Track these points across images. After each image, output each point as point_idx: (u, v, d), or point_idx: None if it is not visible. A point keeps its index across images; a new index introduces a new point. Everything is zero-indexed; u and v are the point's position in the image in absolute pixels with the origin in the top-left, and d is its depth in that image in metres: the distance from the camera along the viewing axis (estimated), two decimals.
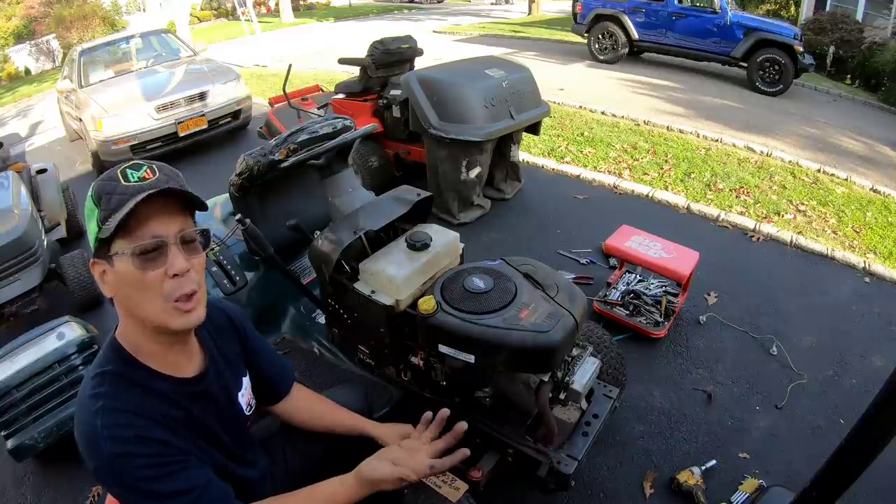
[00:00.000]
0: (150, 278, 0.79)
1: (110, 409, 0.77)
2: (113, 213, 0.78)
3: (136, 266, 0.78)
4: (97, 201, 0.81)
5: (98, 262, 0.82)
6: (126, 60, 5.83)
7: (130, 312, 0.83)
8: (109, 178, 0.82)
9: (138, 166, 0.83)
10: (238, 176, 1.71)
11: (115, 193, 0.80)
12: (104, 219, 0.79)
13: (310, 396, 1.24)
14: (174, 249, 0.81)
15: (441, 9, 18.16)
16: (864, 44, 7.96)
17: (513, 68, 3.42)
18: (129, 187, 0.80)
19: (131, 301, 0.82)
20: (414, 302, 1.35)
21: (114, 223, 0.76)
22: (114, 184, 0.81)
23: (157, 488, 0.77)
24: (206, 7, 21.35)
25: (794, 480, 1.68)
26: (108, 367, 0.82)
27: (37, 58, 15.80)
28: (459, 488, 1.22)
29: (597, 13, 7.89)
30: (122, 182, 0.81)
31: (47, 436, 1.85)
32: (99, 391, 0.79)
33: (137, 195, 0.78)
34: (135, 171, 0.82)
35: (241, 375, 1.05)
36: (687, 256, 2.37)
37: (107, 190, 0.80)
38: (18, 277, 2.52)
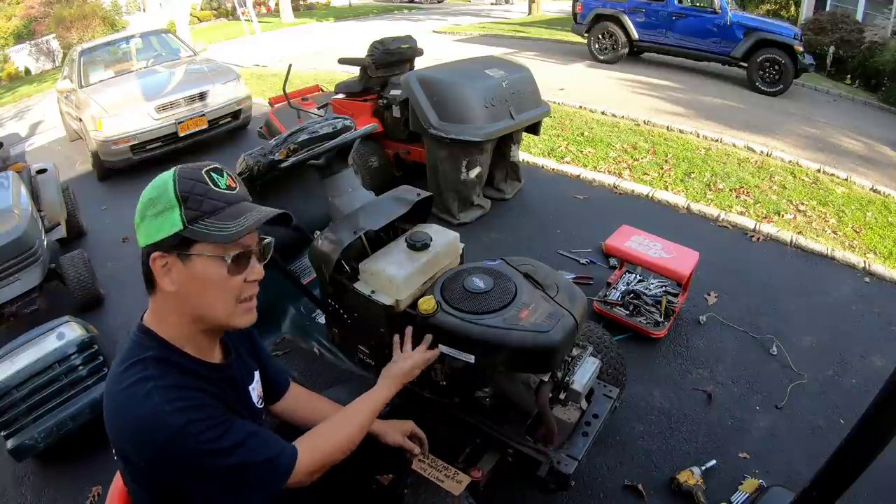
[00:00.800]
0: (233, 282, 0.86)
1: (163, 386, 0.79)
2: (205, 215, 0.83)
3: (226, 270, 0.84)
4: (183, 199, 0.82)
5: (166, 256, 0.83)
6: (126, 60, 5.83)
7: (191, 308, 0.86)
8: (197, 179, 0.84)
9: (221, 171, 0.88)
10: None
11: (208, 197, 0.84)
12: (193, 219, 0.82)
13: (306, 395, 1.25)
14: (254, 258, 0.90)
15: (441, 9, 18.16)
16: (864, 44, 7.96)
17: (513, 68, 3.42)
18: (223, 195, 0.86)
19: (202, 298, 0.85)
20: (414, 302, 1.35)
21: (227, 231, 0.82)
22: (205, 186, 0.84)
23: (221, 446, 0.80)
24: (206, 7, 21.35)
25: (794, 480, 1.68)
26: (149, 353, 0.84)
27: (37, 58, 15.79)
28: (462, 481, 1.21)
29: (597, 13, 7.89)
30: (212, 187, 0.85)
31: (47, 436, 1.85)
32: (145, 374, 0.80)
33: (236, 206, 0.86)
34: (220, 178, 0.87)
35: (253, 369, 1.08)
36: (687, 256, 2.37)
37: (198, 191, 0.83)
38: (18, 277, 2.52)
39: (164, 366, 0.83)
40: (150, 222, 0.83)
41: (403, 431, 1.25)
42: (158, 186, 0.84)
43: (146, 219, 0.83)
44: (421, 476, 1.25)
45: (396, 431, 1.23)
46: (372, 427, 1.20)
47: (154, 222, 0.83)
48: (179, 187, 0.83)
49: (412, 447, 1.24)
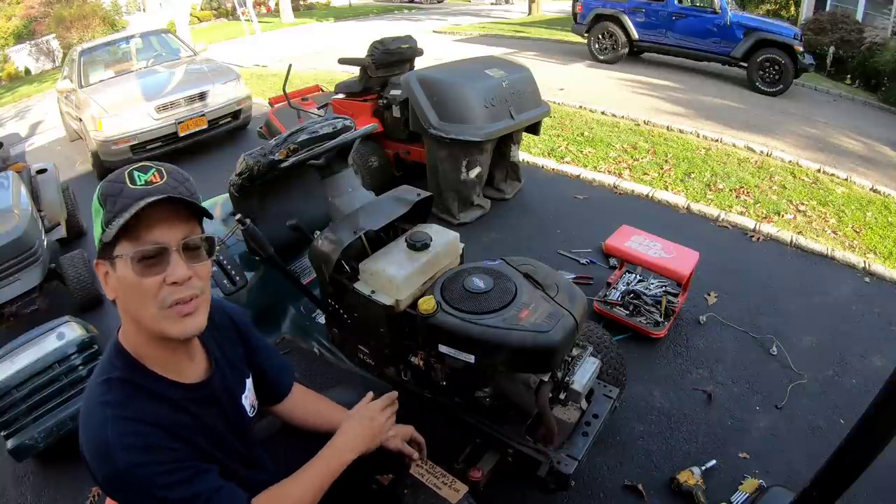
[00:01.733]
0: (147, 284, 0.78)
1: (120, 417, 0.77)
2: (117, 215, 0.78)
3: (135, 271, 0.78)
4: (103, 202, 0.80)
5: (101, 262, 0.81)
6: (126, 60, 5.83)
7: (131, 316, 0.83)
8: (116, 180, 0.81)
9: (146, 168, 0.82)
10: (238, 176, 1.71)
11: (121, 196, 0.79)
12: (108, 221, 0.79)
13: (309, 396, 1.24)
14: (175, 256, 0.80)
15: (441, 9, 18.16)
16: (864, 44, 7.96)
17: (513, 68, 3.42)
18: (136, 191, 0.79)
19: (130, 305, 0.81)
20: (414, 302, 1.36)
21: (116, 226, 0.76)
22: (120, 185, 0.80)
23: (169, 495, 0.76)
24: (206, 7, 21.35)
25: (794, 480, 1.68)
26: (115, 374, 0.81)
27: (37, 58, 15.79)
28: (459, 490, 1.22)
29: (597, 13, 7.89)
30: (128, 184, 0.80)
31: (47, 436, 1.85)
32: (107, 399, 0.78)
33: (143, 199, 0.77)
34: (142, 174, 0.81)
35: (245, 377, 1.05)
36: (687, 256, 2.37)
37: (112, 192, 0.80)
38: (18, 277, 2.52)
39: (129, 390, 0.80)
40: (94, 230, 0.83)
41: (403, 436, 1.23)
42: (95, 194, 0.82)
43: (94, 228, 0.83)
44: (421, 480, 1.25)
45: (396, 436, 1.22)
46: None
47: (94, 230, 0.83)
48: (102, 190, 0.81)
49: (411, 452, 1.23)
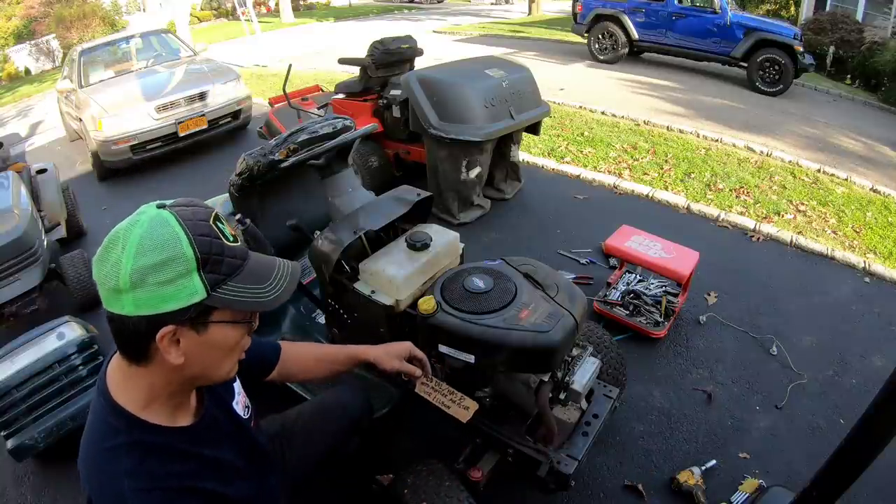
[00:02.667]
0: (246, 340, 0.80)
1: (136, 489, 0.71)
2: (227, 278, 0.73)
3: (244, 331, 0.78)
4: (202, 262, 0.70)
5: (179, 329, 0.71)
6: (126, 60, 5.83)
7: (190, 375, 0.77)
8: (211, 234, 0.72)
9: (221, 220, 0.76)
10: (238, 176, 1.71)
11: (225, 255, 0.73)
12: (216, 283, 0.71)
13: (298, 351, 1.22)
14: None
15: (441, 9, 18.16)
16: (864, 44, 7.96)
17: (513, 68, 3.42)
18: (236, 250, 0.75)
19: (211, 364, 0.78)
20: (414, 302, 1.36)
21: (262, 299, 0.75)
22: (220, 244, 0.73)
23: None
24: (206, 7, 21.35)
25: (794, 480, 1.68)
26: (120, 439, 0.75)
27: (37, 58, 15.79)
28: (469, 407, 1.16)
29: (597, 13, 7.89)
30: (226, 242, 0.74)
31: (47, 436, 1.85)
32: (119, 469, 0.73)
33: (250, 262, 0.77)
34: (223, 227, 0.76)
35: (231, 381, 1.02)
36: (687, 256, 2.37)
37: (216, 250, 0.71)
38: (18, 277, 2.52)
39: (139, 454, 0.74)
40: (156, 290, 0.67)
41: (401, 354, 1.20)
42: (164, 243, 0.68)
43: (148, 286, 0.67)
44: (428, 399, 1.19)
45: (393, 357, 1.19)
46: (367, 355, 1.19)
47: (162, 291, 0.68)
48: (199, 248, 0.69)
49: (413, 370, 1.19)
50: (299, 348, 1.22)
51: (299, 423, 1.27)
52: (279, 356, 1.17)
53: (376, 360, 1.18)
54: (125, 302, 0.68)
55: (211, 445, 0.85)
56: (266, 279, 0.77)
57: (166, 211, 0.71)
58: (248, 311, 0.77)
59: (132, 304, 0.68)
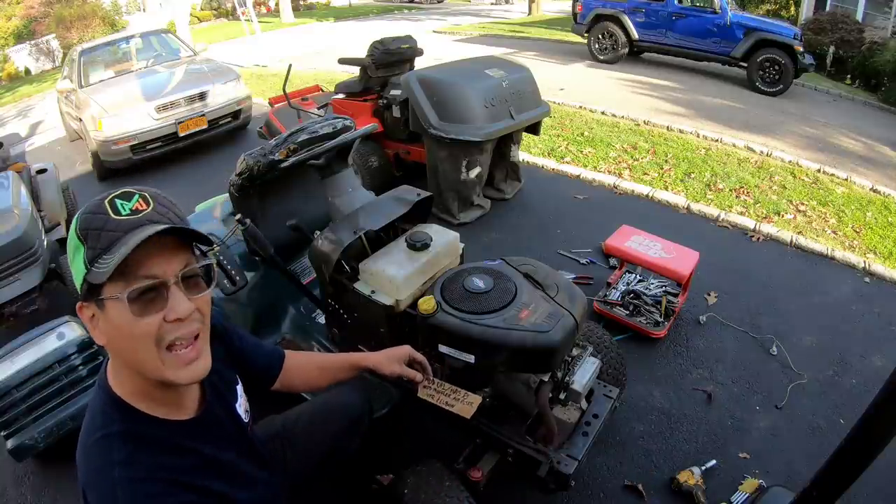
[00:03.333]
0: (145, 325, 0.71)
1: (129, 479, 0.71)
2: (104, 252, 0.70)
3: (132, 312, 0.70)
4: (83, 238, 0.71)
5: (86, 305, 0.73)
6: (126, 60, 5.83)
7: (125, 363, 0.77)
8: (96, 211, 0.72)
9: (129, 195, 0.74)
10: (238, 176, 1.71)
11: (105, 229, 0.70)
12: (92, 259, 0.70)
13: (300, 362, 1.21)
14: (175, 290, 0.73)
15: (441, 9, 18.15)
16: (864, 44, 7.96)
17: (513, 68, 3.42)
18: (122, 222, 0.71)
19: (126, 350, 0.74)
20: (414, 302, 1.36)
21: (107, 266, 0.68)
22: (103, 218, 0.71)
23: None
24: (206, 7, 21.35)
25: (794, 480, 1.68)
26: (114, 428, 0.75)
27: (37, 58, 15.79)
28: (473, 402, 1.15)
29: (597, 13, 7.89)
30: (111, 216, 0.71)
31: (47, 436, 1.85)
32: (112, 458, 0.73)
33: (132, 232, 0.70)
34: (125, 202, 0.73)
35: (235, 384, 1.01)
36: (687, 256, 2.37)
37: (95, 225, 0.71)
38: (18, 277, 2.52)
39: (132, 445, 0.74)
40: (72, 269, 0.74)
41: (401, 359, 1.19)
42: (72, 228, 0.73)
43: (71, 265, 0.75)
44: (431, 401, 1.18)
45: (393, 361, 1.18)
46: (368, 362, 1.19)
47: (73, 268, 0.74)
48: (80, 225, 0.72)
49: (413, 375, 1.19)
50: (301, 358, 1.22)
51: (300, 423, 1.27)
52: (283, 364, 1.17)
53: (376, 366, 1.18)
54: None
55: (211, 443, 0.85)
56: (122, 246, 0.70)
57: None
58: (92, 280, 0.70)
59: None
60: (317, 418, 1.28)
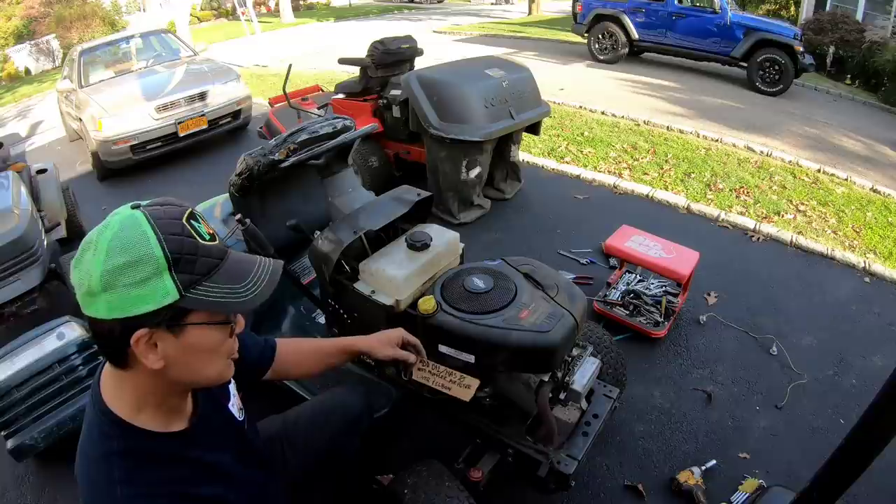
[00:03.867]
0: (231, 342, 0.78)
1: (129, 497, 0.71)
2: (202, 278, 0.70)
3: (224, 333, 0.76)
4: (173, 262, 0.67)
5: (153, 331, 0.69)
6: (126, 60, 5.83)
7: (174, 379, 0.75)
8: (183, 233, 0.69)
9: (197, 218, 0.73)
10: (238, 176, 1.71)
11: (200, 254, 0.70)
12: (189, 284, 0.68)
13: (292, 348, 1.20)
14: None
15: (441, 9, 18.15)
16: (864, 44, 7.96)
17: (513, 68, 3.42)
18: (212, 249, 0.72)
19: (193, 368, 0.75)
20: (414, 302, 1.36)
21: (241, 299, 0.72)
22: (193, 243, 0.70)
23: None
24: (206, 7, 21.35)
25: (794, 480, 1.68)
26: (114, 446, 0.74)
27: (37, 58, 15.78)
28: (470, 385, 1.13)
29: (597, 13, 7.89)
30: (199, 240, 0.71)
31: (47, 436, 1.85)
32: (113, 477, 0.72)
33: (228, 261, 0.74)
34: (200, 226, 0.73)
35: (227, 383, 0.99)
36: (687, 256, 2.37)
37: (188, 250, 0.69)
38: (18, 277, 2.52)
39: (133, 461, 0.74)
40: (126, 292, 0.65)
41: (393, 341, 1.18)
42: (132, 244, 0.65)
43: (119, 289, 0.65)
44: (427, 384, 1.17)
45: (386, 344, 1.17)
46: (360, 346, 1.18)
47: (132, 293, 0.65)
48: (170, 247, 0.67)
49: (407, 356, 1.18)
50: (293, 345, 1.21)
51: (299, 423, 1.27)
52: (275, 353, 1.16)
53: (370, 350, 1.16)
54: (99, 305, 0.66)
55: (206, 449, 0.85)
56: (243, 278, 0.74)
57: (139, 211, 0.68)
58: (224, 312, 0.73)
59: (105, 308, 0.66)
60: (316, 418, 1.28)
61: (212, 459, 0.84)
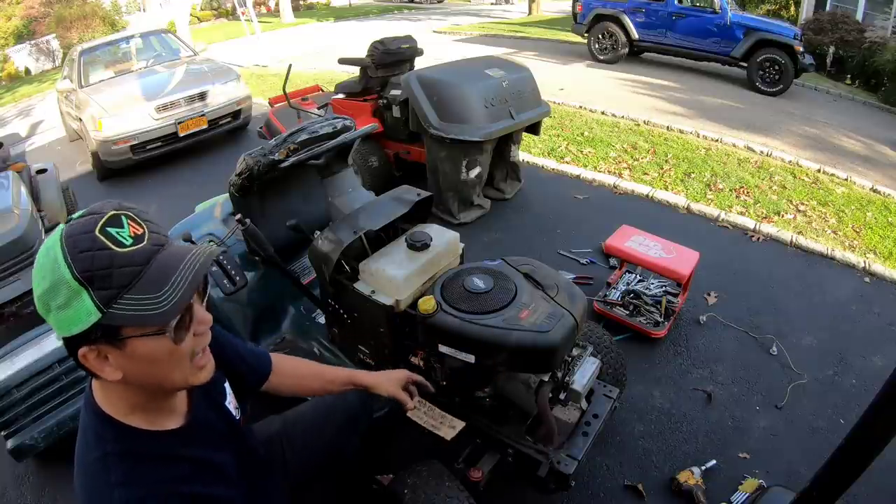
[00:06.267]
0: (184, 347, 0.72)
1: (129, 499, 0.71)
2: (125, 290, 0.65)
3: (172, 339, 0.69)
4: (86, 281, 0.63)
5: (95, 347, 0.67)
6: (126, 60, 5.83)
7: (143, 385, 0.74)
8: (93, 247, 0.64)
9: (117, 221, 0.67)
10: (238, 176, 1.71)
11: (115, 266, 0.65)
12: (109, 299, 0.64)
13: (292, 365, 1.22)
14: (197, 304, 0.73)
15: (441, 9, 18.15)
16: (864, 44, 7.95)
17: (513, 68, 3.42)
18: (134, 254, 0.66)
19: (155, 375, 0.73)
20: (414, 302, 1.36)
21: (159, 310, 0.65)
22: (107, 254, 0.65)
23: None
24: (206, 7, 21.34)
25: (794, 480, 1.68)
26: (109, 448, 0.74)
27: (37, 58, 15.79)
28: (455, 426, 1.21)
29: (597, 13, 7.89)
30: (116, 249, 0.65)
31: (47, 436, 1.85)
32: (110, 479, 0.71)
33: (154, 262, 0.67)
34: (119, 230, 0.67)
35: (222, 382, 1.00)
36: (687, 256, 2.37)
37: (100, 264, 0.64)
38: (18, 277, 2.52)
39: (129, 463, 0.73)
40: (59, 315, 0.65)
41: (397, 381, 1.22)
42: (47, 269, 0.64)
43: (52, 311, 0.66)
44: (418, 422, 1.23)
45: (391, 382, 1.21)
46: (364, 380, 1.21)
47: (63, 315, 0.65)
48: (77, 268, 0.63)
49: (405, 400, 1.22)
50: (296, 363, 1.23)
51: (299, 423, 1.27)
52: (271, 366, 1.17)
53: (373, 385, 1.20)
54: (51, 324, 0.68)
55: (203, 446, 0.84)
56: (164, 284, 0.67)
57: (57, 231, 0.67)
58: (143, 325, 0.67)
59: (54, 328, 0.68)
60: (316, 419, 1.28)
61: (209, 457, 0.84)
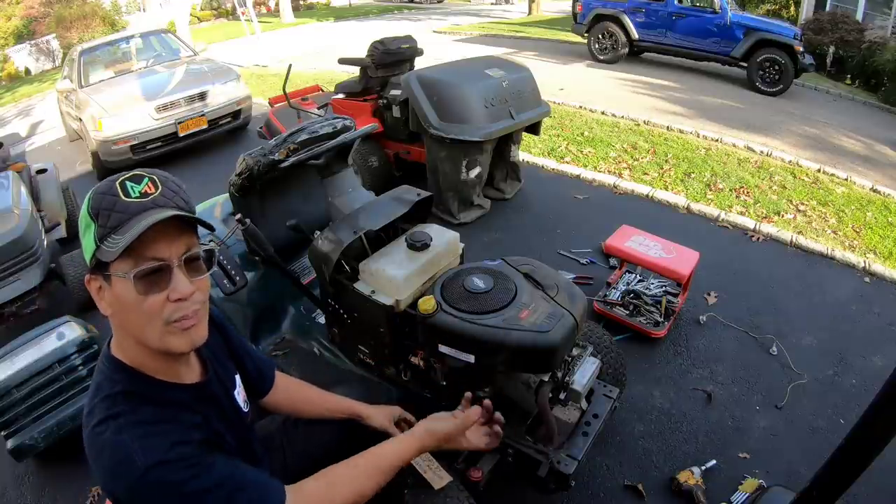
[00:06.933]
0: (151, 303, 0.76)
1: (133, 423, 0.75)
2: (112, 231, 0.75)
3: (137, 290, 0.74)
4: (94, 216, 0.75)
5: (94, 278, 0.78)
6: (126, 60, 5.83)
7: (129, 333, 0.80)
8: (107, 192, 0.76)
9: (139, 178, 0.78)
10: (238, 176, 1.71)
11: (115, 210, 0.75)
12: (102, 237, 0.75)
13: (294, 385, 1.25)
14: (177, 272, 0.77)
15: (441, 9, 18.15)
16: (864, 44, 7.96)
17: (513, 68, 3.42)
18: (131, 205, 0.76)
19: (130, 323, 0.78)
20: (414, 302, 1.36)
21: (116, 247, 0.73)
22: (113, 199, 0.76)
23: (196, 486, 0.74)
24: (206, 7, 21.35)
25: (794, 480, 1.68)
26: (117, 388, 0.78)
27: (37, 58, 15.80)
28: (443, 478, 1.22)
29: (597, 13, 7.89)
30: (122, 197, 0.76)
31: (47, 436, 1.85)
32: (115, 411, 0.76)
33: (140, 215, 0.75)
34: (135, 185, 0.77)
35: (233, 373, 1.04)
36: (687, 256, 2.37)
37: (105, 205, 0.75)
38: (18, 277, 2.52)
39: (136, 401, 0.78)
40: (83, 241, 0.79)
41: (391, 416, 1.24)
42: (84, 206, 0.78)
43: (82, 236, 0.79)
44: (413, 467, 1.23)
45: (384, 416, 1.23)
46: (362, 411, 1.22)
47: (84, 241, 0.78)
48: (92, 203, 0.76)
49: (396, 433, 1.22)
50: (296, 385, 1.25)
51: (299, 423, 1.27)
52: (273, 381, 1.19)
53: (368, 417, 1.22)
54: None
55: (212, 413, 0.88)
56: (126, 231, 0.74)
57: None
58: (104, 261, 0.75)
59: None
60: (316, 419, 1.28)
61: (216, 425, 0.87)
